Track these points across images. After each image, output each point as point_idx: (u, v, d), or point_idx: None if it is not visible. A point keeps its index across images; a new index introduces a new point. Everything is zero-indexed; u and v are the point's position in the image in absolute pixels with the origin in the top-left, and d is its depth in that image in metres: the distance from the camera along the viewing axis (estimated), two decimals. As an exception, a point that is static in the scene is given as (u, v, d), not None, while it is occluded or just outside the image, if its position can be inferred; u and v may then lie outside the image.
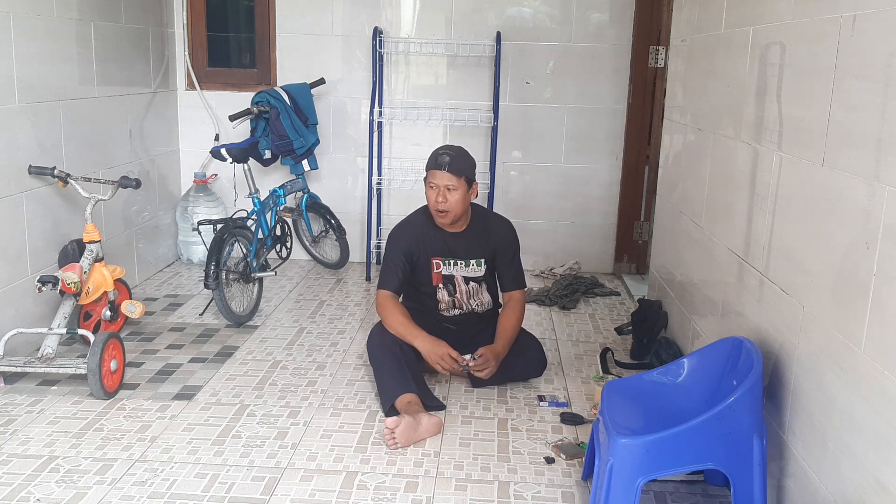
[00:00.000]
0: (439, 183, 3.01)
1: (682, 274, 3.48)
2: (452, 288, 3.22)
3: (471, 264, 3.20)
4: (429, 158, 3.10)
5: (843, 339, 1.91)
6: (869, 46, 1.85)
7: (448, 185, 3.01)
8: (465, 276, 3.21)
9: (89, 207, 3.40)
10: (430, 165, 3.05)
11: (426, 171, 3.08)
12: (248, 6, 4.92)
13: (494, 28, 4.68)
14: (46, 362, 3.04)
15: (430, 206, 3.11)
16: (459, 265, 3.19)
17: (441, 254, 3.17)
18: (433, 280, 3.20)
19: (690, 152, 3.43)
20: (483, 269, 3.23)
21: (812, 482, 2.04)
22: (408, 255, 3.15)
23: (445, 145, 3.16)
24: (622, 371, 3.42)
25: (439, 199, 3.02)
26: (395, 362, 2.99)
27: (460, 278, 3.21)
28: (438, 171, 3.01)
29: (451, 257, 3.18)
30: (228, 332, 3.77)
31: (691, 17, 3.52)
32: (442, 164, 3.00)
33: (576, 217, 4.94)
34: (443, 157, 3.02)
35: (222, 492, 2.42)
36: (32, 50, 3.40)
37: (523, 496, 2.45)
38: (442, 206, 3.03)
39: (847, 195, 1.92)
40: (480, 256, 3.21)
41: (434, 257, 3.17)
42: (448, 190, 3.01)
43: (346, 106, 4.90)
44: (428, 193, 3.07)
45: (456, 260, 3.18)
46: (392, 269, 3.15)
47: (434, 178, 3.02)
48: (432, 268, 3.18)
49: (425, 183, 3.09)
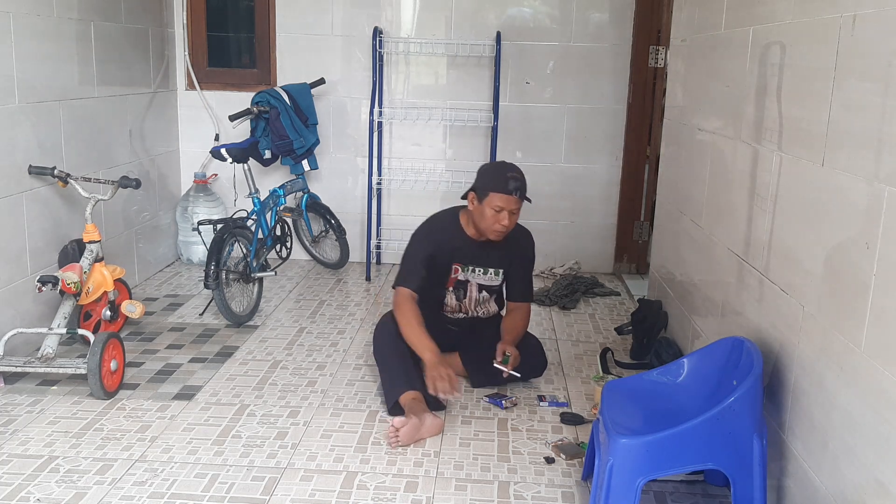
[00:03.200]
0: (506, 207, 2.94)
1: (682, 274, 3.48)
2: (462, 293, 3.20)
3: (489, 273, 3.18)
4: (489, 178, 2.98)
5: (843, 339, 1.91)
6: (869, 46, 1.85)
7: (513, 210, 2.96)
8: (481, 283, 3.19)
9: (89, 207, 3.40)
10: (498, 188, 2.93)
11: (486, 191, 2.95)
12: (248, 6, 4.92)
13: (494, 28, 4.69)
14: (46, 362, 3.04)
15: (485, 226, 2.99)
16: (478, 272, 3.16)
17: (463, 261, 3.14)
18: (447, 283, 3.18)
19: (690, 152, 3.43)
20: (500, 278, 3.21)
21: (812, 482, 2.04)
22: (432, 257, 3.09)
23: (506, 165, 3.04)
24: (622, 371, 3.42)
25: (504, 223, 2.96)
26: (402, 357, 2.98)
27: (474, 285, 3.19)
28: (508, 196, 2.92)
29: (471, 264, 3.15)
30: (228, 332, 3.77)
31: (691, 17, 3.52)
32: (513, 189, 2.92)
33: (576, 217, 4.94)
34: (513, 183, 2.92)
35: (222, 492, 2.42)
36: (32, 50, 3.40)
37: (523, 496, 2.45)
38: (506, 228, 2.98)
39: (847, 195, 1.92)
40: (500, 266, 3.18)
41: (456, 263, 3.14)
42: (512, 214, 2.97)
43: (346, 106, 4.90)
44: (487, 214, 2.96)
45: (475, 267, 3.16)
46: (415, 268, 3.09)
47: (502, 202, 2.93)
48: (451, 272, 3.16)
49: (479, 200, 2.98)
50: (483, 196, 2.97)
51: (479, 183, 3.02)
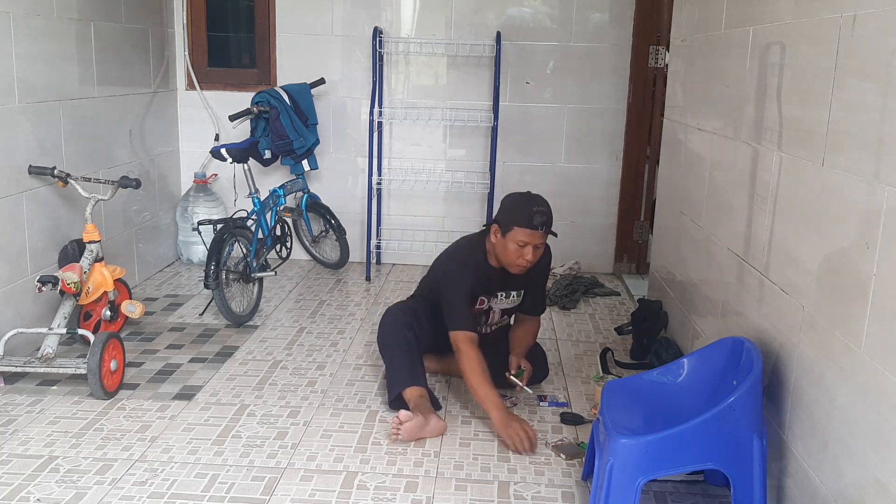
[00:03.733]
0: (531, 242, 2.82)
1: (682, 274, 3.48)
2: (485, 319, 3.12)
3: (511, 295, 3.11)
4: (514, 211, 2.84)
5: (843, 339, 1.91)
6: (869, 46, 1.85)
7: (538, 244, 2.86)
8: (504, 308, 3.14)
9: (89, 207, 3.40)
10: (523, 223, 2.80)
11: (511, 224, 2.83)
12: (248, 6, 4.92)
13: (494, 28, 4.68)
14: (46, 362, 3.04)
15: (508, 260, 2.88)
16: (500, 297, 3.09)
17: (488, 291, 3.05)
18: None
19: (690, 152, 3.43)
20: (520, 298, 3.15)
21: (812, 482, 2.04)
22: (473, 291, 2.99)
23: (534, 198, 2.89)
24: (622, 371, 3.42)
25: (528, 258, 2.85)
26: (409, 351, 2.96)
27: (497, 312, 3.13)
28: (533, 232, 2.81)
29: (495, 292, 3.08)
30: (228, 332, 3.77)
31: (691, 17, 3.52)
32: (539, 224, 2.80)
33: (576, 217, 4.93)
34: (538, 218, 2.80)
35: (222, 492, 2.42)
36: (32, 50, 3.40)
37: (523, 496, 2.45)
38: (529, 263, 2.88)
39: (847, 195, 1.92)
40: (521, 288, 3.13)
41: (482, 295, 3.05)
42: (536, 248, 2.87)
43: (346, 106, 4.90)
44: (510, 248, 2.84)
45: (497, 293, 3.08)
46: (464, 306, 2.94)
47: (526, 237, 2.81)
48: (476, 303, 3.05)
49: (503, 233, 2.86)
50: (507, 230, 2.84)
51: (503, 216, 2.88)
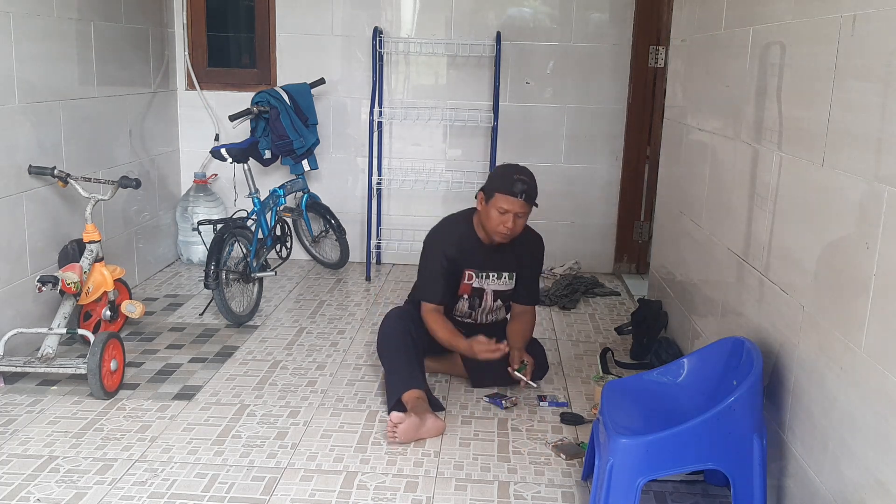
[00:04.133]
0: (511, 209, 2.90)
1: (682, 274, 3.48)
2: (478, 302, 3.16)
3: (503, 277, 3.14)
4: (497, 179, 2.95)
5: (843, 339, 1.91)
6: (869, 46, 1.85)
7: (520, 213, 2.93)
8: (496, 290, 3.15)
9: (89, 207, 3.40)
10: (503, 190, 2.89)
11: (493, 191, 2.92)
12: (248, 6, 4.92)
13: (494, 28, 4.68)
14: (46, 362, 3.04)
15: (491, 227, 2.96)
16: (492, 278, 3.12)
17: (477, 266, 3.10)
18: (460, 289, 3.15)
19: (690, 152, 3.43)
20: (513, 282, 3.18)
21: (812, 482, 2.04)
22: (451, 261, 3.06)
23: (517, 168, 2.99)
24: (622, 371, 3.42)
25: (508, 225, 2.92)
26: (407, 355, 2.97)
27: (490, 293, 3.15)
28: (514, 199, 2.88)
29: (485, 270, 3.12)
30: (228, 332, 3.77)
31: (691, 17, 3.52)
32: (518, 192, 2.87)
33: (576, 217, 4.94)
34: (519, 185, 2.88)
35: (222, 492, 2.42)
36: (32, 50, 3.40)
37: (523, 496, 2.45)
38: (510, 231, 2.94)
39: (847, 195, 1.92)
40: (512, 270, 3.16)
41: (469, 268, 3.10)
42: (518, 217, 2.93)
43: (346, 106, 4.90)
44: (492, 215, 2.93)
45: (489, 272, 3.12)
46: (434, 278, 3.06)
47: (507, 203, 2.89)
48: (463, 278, 3.12)
49: (486, 201, 2.96)
50: (490, 196, 2.94)
51: (488, 184, 2.99)
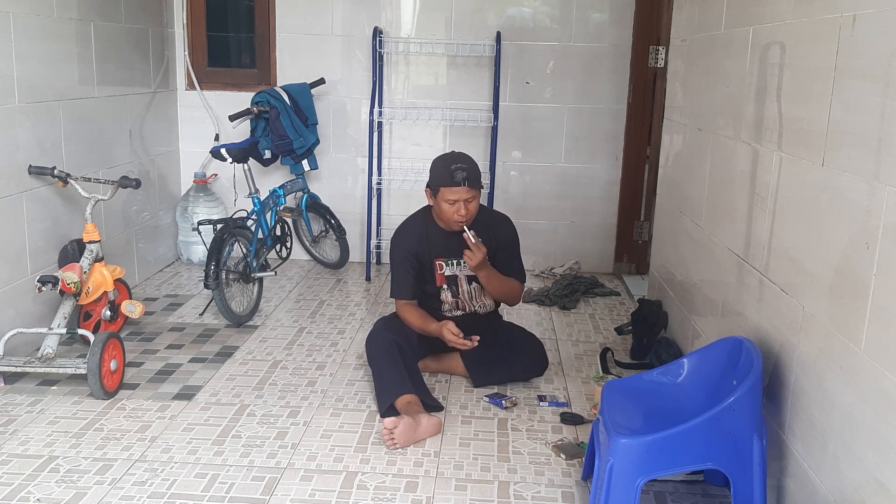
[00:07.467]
0: (459, 198, 2.97)
1: (682, 274, 3.48)
2: (456, 289, 3.21)
3: None
4: (438, 173, 3.01)
5: (842, 339, 1.91)
6: (869, 46, 1.85)
7: (468, 199, 2.99)
8: (468, 275, 3.20)
9: (89, 207, 3.40)
10: (446, 182, 2.97)
11: (437, 186, 3.00)
12: (248, 6, 4.92)
13: (494, 28, 4.68)
14: (46, 362, 3.04)
15: (446, 218, 3.04)
16: (462, 265, 3.18)
17: (444, 254, 3.17)
18: (437, 281, 3.20)
19: (690, 152, 3.43)
20: None
21: (812, 482, 2.04)
22: (415, 256, 3.14)
23: (453, 156, 3.06)
24: (622, 371, 3.42)
25: (461, 212, 2.99)
26: (394, 364, 2.99)
27: (463, 278, 3.21)
28: (457, 188, 2.96)
29: (454, 257, 3.17)
30: (228, 332, 3.77)
31: (691, 17, 3.52)
32: (460, 180, 2.94)
33: (576, 217, 4.94)
34: (459, 174, 2.94)
35: (222, 492, 2.42)
36: (32, 50, 3.40)
37: (523, 496, 2.45)
38: (464, 218, 3.01)
39: (847, 195, 1.92)
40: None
41: (437, 258, 3.17)
42: (468, 202, 3.00)
43: (346, 106, 4.90)
44: (443, 208, 3.01)
45: (458, 260, 3.17)
46: (402, 275, 3.15)
47: (453, 194, 2.97)
48: (436, 269, 3.18)
49: (434, 196, 3.03)
50: (436, 192, 3.03)
51: (431, 179, 3.06)
